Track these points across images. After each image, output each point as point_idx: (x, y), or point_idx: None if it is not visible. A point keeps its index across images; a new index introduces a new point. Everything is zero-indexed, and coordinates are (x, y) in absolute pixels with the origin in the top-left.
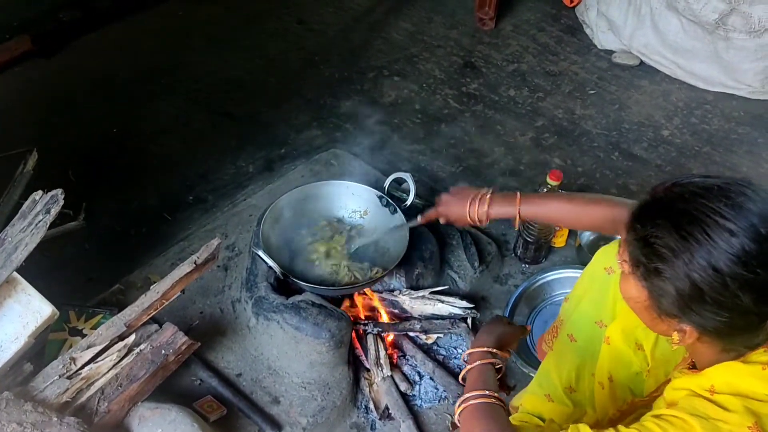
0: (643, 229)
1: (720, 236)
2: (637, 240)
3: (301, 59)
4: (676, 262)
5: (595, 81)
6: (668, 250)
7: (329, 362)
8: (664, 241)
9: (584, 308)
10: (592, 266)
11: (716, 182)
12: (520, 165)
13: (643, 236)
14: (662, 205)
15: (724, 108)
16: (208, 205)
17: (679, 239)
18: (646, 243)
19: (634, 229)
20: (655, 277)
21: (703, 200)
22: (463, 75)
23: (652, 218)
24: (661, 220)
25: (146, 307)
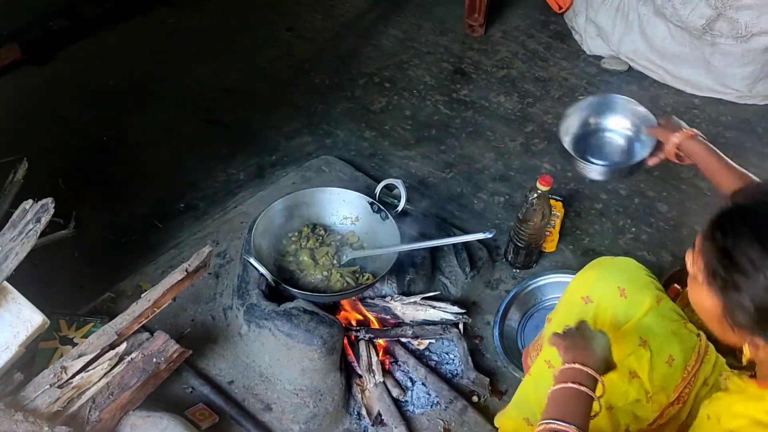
0: (724, 239)
1: None
2: (716, 250)
3: (291, 66)
4: (757, 277)
5: (584, 86)
6: (749, 263)
7: (321, 369)
8: (746, 253)
9: None
10: (570, 293)
11: None
12: (510, 170)
13: (722, 246)
14: (745, 214)
15: (711, 112)
16: (199, 212)
17: (762, 252)
18: (725, 254)
19: (713, 237)
20: (732, 290)
21: None
22: (453, 81)
23: (734, 228)
24: (744, 231)
25: (137, 315)
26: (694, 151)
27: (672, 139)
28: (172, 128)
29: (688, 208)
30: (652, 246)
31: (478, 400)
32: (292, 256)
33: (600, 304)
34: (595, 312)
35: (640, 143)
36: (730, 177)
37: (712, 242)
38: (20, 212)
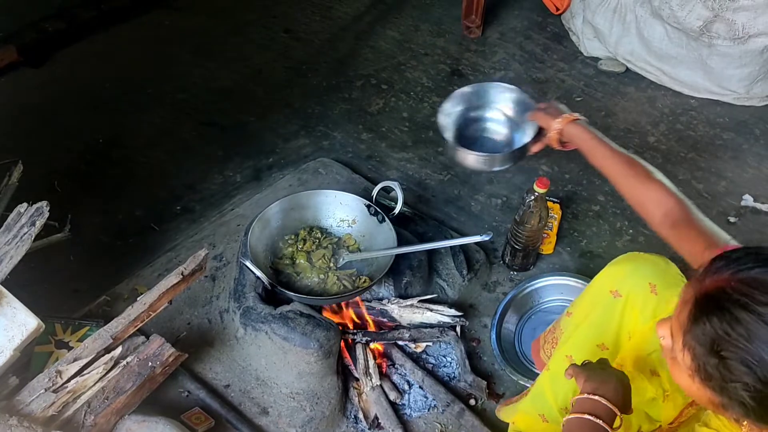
0: (711, 339)
1: None
2: (704, 349)
3: (288, 68)
4: (755, 376)
5: (581, 88)
6: (744, 365)
7: (318, 372)
8: (740, 356)
9: (586, 330)
10: (597, 287)
11: None
12: (507, 172)
13: (711, 348)
14: (729, 310)
15: (709, 114)
16: (196, 215)
17: (755, 353)
18: (715, 355)
19: (695, 335)
20: (730, 389)
21: None
22: (451, 83)
23: (722, 327)
24: (733, 332)
25: (133, 319)
26: (576, 135)
27: (553, 125)
28: (168, 130)
29: None
30: (649, 248)
31: (476, 403)
32: (289, 259)
33: (629, 299)
34: (624, 306)
35: (521, 131)
36: (616, 164)
37: (696, 340)
38: (15, 215)
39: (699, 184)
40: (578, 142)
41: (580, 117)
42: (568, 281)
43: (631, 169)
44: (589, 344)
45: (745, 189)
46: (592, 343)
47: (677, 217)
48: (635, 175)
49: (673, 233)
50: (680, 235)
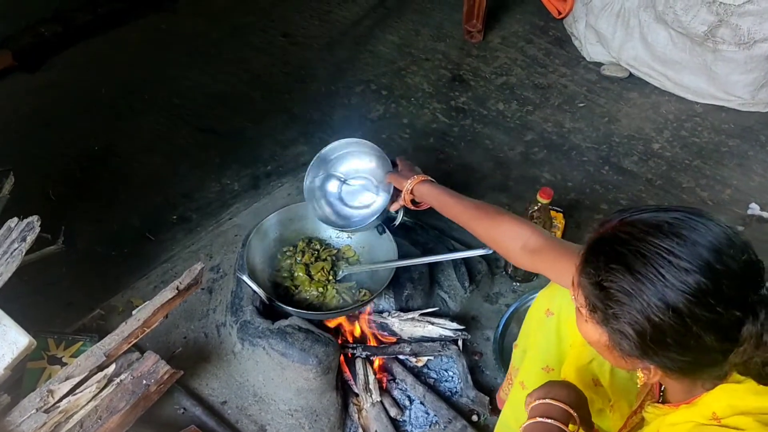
0: (596, 274)
1: (675, 275)
2: (591, 284)
3: (287, 73)
4: (632, 305)
5: (584, 94)
6: (624, 293)
7: (317, 389)
8: (619, 285)
9: (532, 354)
10: (534, 310)
11: (666, 218)
12: (509, 180)
13: (596, 281)
14: (612, 246)
15: (714, 120)
16: (192, 224)
17: (633, 282)
18: (600, 287)
19: (585, 273)
20: (613, 320)
21: (654, 239)
22: (452, 89)
23: (605, 261)
24: (614, 264)
25: (126, 335)
26: (426, 194)
27: (405, 187)
28: (164, 136)
29: None
30: None
31: (478, 419)
32: (287, 272)
33: (561, 314)
34: (557, 322)
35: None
36: (466, 211)
37: (586, 277)
38: (5, 231)
39: (704, 192)
40: (428, 199)
41: (428, 178)
42: None
43: (480, 211)
44: (536, 369)
45: (751, 197)
46: (538, 368)
47: (535, 243)
48: (485, 216)
49: (536, 259)
50: (543, 258)
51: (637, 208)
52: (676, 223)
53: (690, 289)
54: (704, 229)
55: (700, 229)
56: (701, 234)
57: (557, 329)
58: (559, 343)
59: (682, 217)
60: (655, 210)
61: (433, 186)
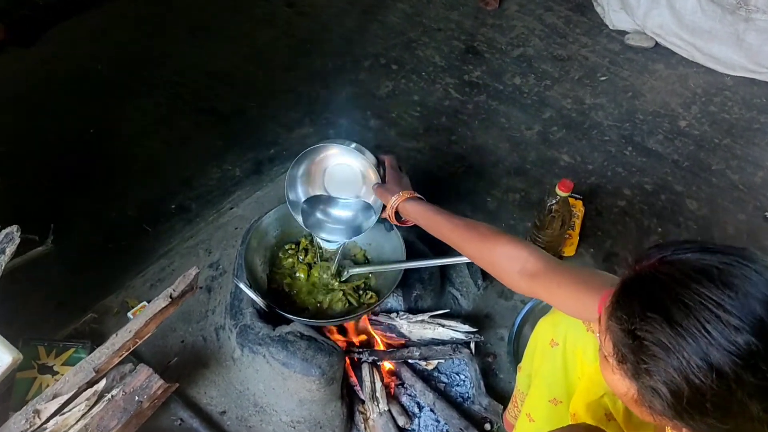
0: (629, 320)
1: (722, 332)
2: (622, 332)
3: (291, 47)
4: (669, 362)
5: (606, 66)
6: (660, 348)
7: (320, 399)
8: (656, 337)
9: (538, 387)
10: (537, 341)
11: (714, 262)
12: (527, 163)
13: (629, 329)
14: (650, 291)
15: (745, 94)
16: (192, 214)
17: (672, 335)
18: (633, 337)
19: (616, 317)
20: (645, 376)
21: (700, 287)
22: (465, 61)
23: (641, 308)
24: (651, 312)
25: (117, 348)
26: (411, 213)
27: (390, 203)
28: (163, 119)
29: (720, 204)
30: None
31: (491, 428)
32: (289, 270)
33: (567, 344)
34: (563, 354)
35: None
36: (456, 231)
37: (617, 322)
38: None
39: (734, 175)
40: (415, 218)
41: (414, 193)
42: None
43: (472, 232)
44: (543, 401)
45: None
46: (545, 400)
47: (534, 267)
48: (477, 237)
49: (536, 284)
50: (543, 284)
51: (679, 245)
52: (726, 269)
53: (738, 350)
54: (757, 278)
55: (752, 278)
56: (754, 284)
57: (563, 360)
58: (566, 375)
59: (731, 262)
60: (700, 250)
61: (420, 204)
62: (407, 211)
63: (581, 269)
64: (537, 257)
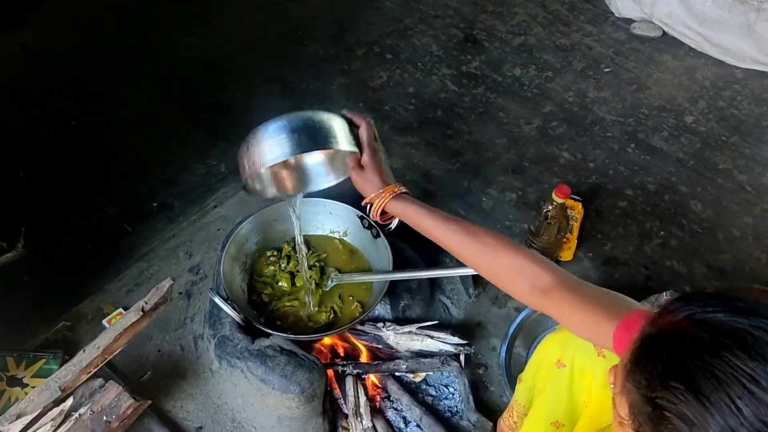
0: (650, 386)
1: (754, 411)
2: (641, 397)
3: (282, 35)
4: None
5: (611, 56)
6: (683, 421)
7: (300, 417)
8: (678, 409)
9: (540, 407)
10: (542, 359)
11: (747, 327)
12: (524, 160)
13: (648, 396)
14: (675, 354)
15: (755, 88)
16: (174, 212)
17: (698, 410)
18: (652, 405)
19: (634, 380)
20: None
21: (732, 356)
22: (463, 51)
23: (663, 374)
24: (675, 380)
25: (84, 365)
26: (398, 213)
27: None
28: (147, 111)
29: (726, 207)
30: (683, 254)
31: None
32: (270, 279)
33: (575, 367)
34: (570, 377)
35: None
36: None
37: (634, 385)
38: None
39: (742, 175)
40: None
41: (403, 189)
42: None
43: (473, 238)
44: (544, 423)
45: None
46: (546, 422)
47: (546, 283)
48: (480, 245)
49: (547, 301)
50: (556, 303)
51: (708, 301)
52: (761, 336)
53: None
54: None
55: None
56: None
57: (569, 384)
58: (570, 399)
59: (766, 327)
60: (732, 311)
61: (408, 204)
62: (396, 212)
63: (597, 291)
64: (549, 273)
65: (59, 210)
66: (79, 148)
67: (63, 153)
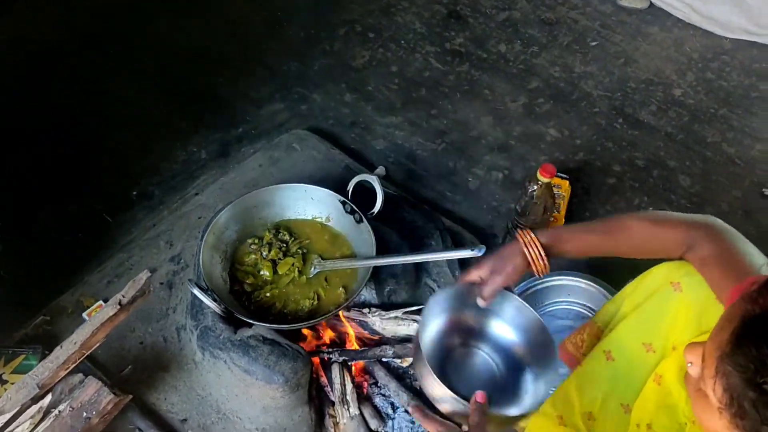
0: (755, 370)
1: None
2: (742, 381)
3: (265, 18)
4: None
5: (597, 30)
6: None
7: (285, 406)
8: None
9: (633, 323)
10: (653, 277)
11: None
12: (510, 138)
13: (755, 381)
14: None
15: (743, 59)
16: (155, 201)
17: None
18: (757, 390)
19: (734, 362)
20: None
21: None
22: (447, 27)
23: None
24: None
25: (62, 362)
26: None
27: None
28: (126, 98)
29: (715, 181)
30: None
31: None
32: (251, 268)
33: (688, 295)
34: (680, 304)
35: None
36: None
37: (734, 368)
38: None
39: (730, 148)
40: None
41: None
42: (577, 282)
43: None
44: (634, 341)
45: None
46: (637, 341)
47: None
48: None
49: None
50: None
51: None
52: None
53: None
54: None
55: None
56: None
57: (677, 309)
58: (673, 324)
59: None
60: None
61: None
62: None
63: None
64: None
65: (37, 202)
66: (57, 138)
67: (41, 143)
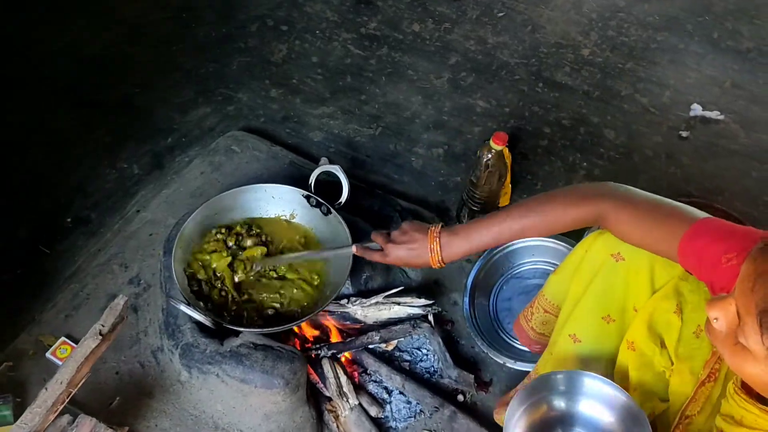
0: None
1: None
2: None
3: (169, 19)
4: None
5: (502, 0)
6: None
7: (287, 409)
8: None
9: (588, 303)
10: (595, 252)
11: None
12: (443, 114)
13: None
14: None
15: (638, 14)
16: (93, 225)
17: None
18: None
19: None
20: None
21: None
22: (359, 13)
23: None
24: None
25: (50, 405)
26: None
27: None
28: (38, 120)
29: (636, 130)
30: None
31: (464, 398)
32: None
33: (632, 263)
34: (627, 271)
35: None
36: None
37: None
38: None
39: (643, 98)
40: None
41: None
42: (542, 242)
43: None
44: (594, 318)
45: (690, 96)
46: (596, 317)
47: (603, 212)
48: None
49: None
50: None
51: None
52: None
53: None
54: None
55: None
56: None
57: (626, 279)
58: (625, 292)
59: None
60: None
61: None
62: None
63: (655, 203)
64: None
65: None
66: None
67: None
